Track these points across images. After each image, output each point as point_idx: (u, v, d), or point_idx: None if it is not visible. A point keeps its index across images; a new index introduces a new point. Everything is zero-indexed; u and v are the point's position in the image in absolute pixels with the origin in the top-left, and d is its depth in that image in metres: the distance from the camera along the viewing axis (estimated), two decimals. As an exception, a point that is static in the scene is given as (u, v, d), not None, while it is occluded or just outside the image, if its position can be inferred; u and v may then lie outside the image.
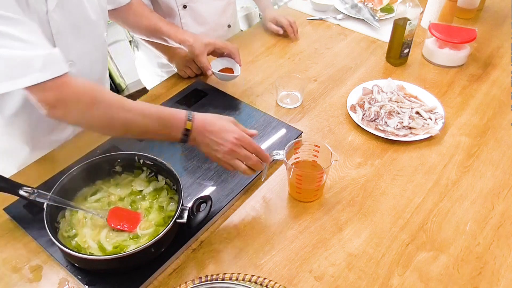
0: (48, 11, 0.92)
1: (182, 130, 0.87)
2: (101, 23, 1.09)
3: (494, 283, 0.84)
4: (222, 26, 1.55)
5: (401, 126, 1.16)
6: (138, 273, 0.83)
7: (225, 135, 0.88)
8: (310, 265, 0.87)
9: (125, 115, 0.84)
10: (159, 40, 1.26)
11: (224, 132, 0.89)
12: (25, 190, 0.85)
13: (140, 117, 0.85)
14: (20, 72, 0.78)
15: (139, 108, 0.85)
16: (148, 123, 0.85)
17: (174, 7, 1.41)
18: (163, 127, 0.87)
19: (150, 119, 0.85)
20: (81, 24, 1.02)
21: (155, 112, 0.86)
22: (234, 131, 0.89)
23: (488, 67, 1.40)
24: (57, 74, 0.80)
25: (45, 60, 0.79)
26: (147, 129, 0.86)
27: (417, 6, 1.28)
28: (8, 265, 0.87)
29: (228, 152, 0.89)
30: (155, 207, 0.92)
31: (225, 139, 0.88)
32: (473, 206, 0.98)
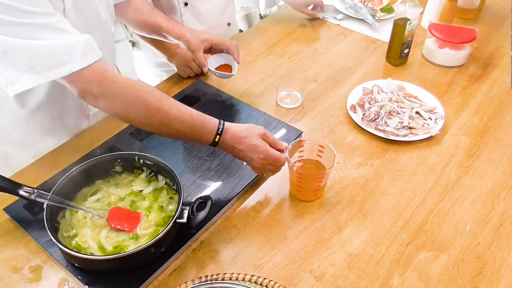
0: (66, 8, 0.93)
1: (211, 141, 0.91)
2: (109, 18, 1.10)
3: (494, 283, 0.84)
4: (222, 24, 1.55)
5: (401, 126, 1.16)
6: (138, 273, 0.83)
7: (252, 155, 0.93)
8: (310, 265, 0.87)
9: (161, 117, 0.87)
10: (159, 37, 1.25)
11: (251, 152, 0.93)
12: (25, 190, 0.85)
13: (175, 122, 0.88)
14: (64, 60, 0.81)
15: (175, 112, 0.88)
16: (181, 129, 0.89)
17: (175, 5, 1.41)
18: (195, 134, 0.91)
19: (184, 125, 0.89)
20: (93, 21, 1.03)
21: (189, 119, 0.89)
22: (261, 151, 0.92)
23: (488, 67, 1.40)
24: (96, 59, 0.84)
25: (85, 45, 0.83)
26: (179, 132, 0.90)
27: (417, 6, 1.28)
28: (8, 265, 0.87)
29: (255, 168, 0.95)
30: (155, 207, 0.92)
31: (252, 159, 0.93)
32: (473, 206, 0.98)
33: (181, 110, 0.89)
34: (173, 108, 0.88)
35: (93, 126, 1.18)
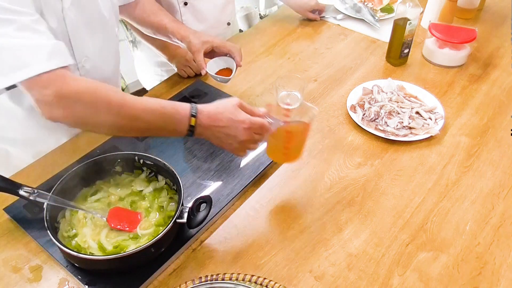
0: (64, 8, 0.93)
1: (187, 126, 0.84)
2: (112, 19, 1.10)
3: (494, 283, 0.84)
4: (222, 23, 1.55)
5: (401, 126, 1.16)
6: (138, 273, 0.83)
7: (236, 126, 0.86)
8: (310, 265, 0.87)
9: (127, 111, 0.80)
10: (164, 37, 1.25)
11: (234, 123, 0.85)
12: (25, 190, 0.85)
13: (144, 114, 0.81)
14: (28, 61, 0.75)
15: (142, 105, 0.82)
16: (152, 120, 0.82)
17: (175, 4, 1.41)
18: (167, 124, 0.84)
19: (154, 116, 0.82)
20: (95, 21, 1.03)
21: (158, 108, 0.82)
22: (243, 120, 0.86)
23: (488, 67, 1.40)
24: (62, 64, 0.78)
25: (52, 49, 0.78)
26: (151, 126, 0.83)
27: (417, 6, 1.28)
28: (8, 265, 0.87)
29: (242, 142, 0.87)
30: (155, 207, 0.92)
31: (237, 131, 0.86)
32: (473, 206, 0.98)
33: (148, 100, 0.83)
34: (138, 100, 0.82)
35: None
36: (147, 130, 0.85)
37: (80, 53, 1.02)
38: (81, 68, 1.03)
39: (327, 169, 1.06)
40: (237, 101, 0.88)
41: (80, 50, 1.01)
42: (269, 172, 1.05)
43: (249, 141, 0.88)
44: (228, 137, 0.87)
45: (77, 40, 0.99)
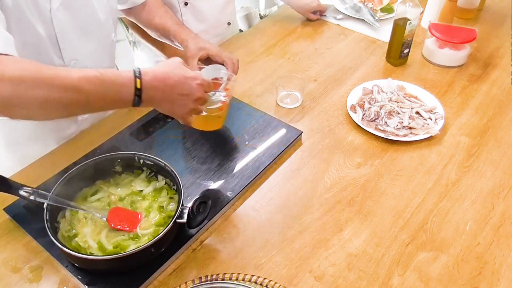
0: (52, 9, 0.92)
1: (132, 90, 0.75)
2: (109, 23, 1.09)
3: (494, 283, 0.84)
4: (222, 23, 1.56)
5: (401, 126, 1.16)
6: (138, 273, 0.83)
7: (189, 83, 0.80)
8: (310, 265, 0.87)
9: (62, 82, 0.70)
10: (168, 41, 1.24)
11: (187, 80, 0.79)
12: (25, 190, 0.85)
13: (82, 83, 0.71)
14: None
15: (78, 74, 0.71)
16: (92, 89, 0.72)
17: (175, 4, 1.41)
18: (109, 91, 0.74)
19: (94, 83, 0.72)
20: (89, 24, 1.02)
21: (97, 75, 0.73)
22: (195, 77, 0.81)
23: (488, 67, 1.40)
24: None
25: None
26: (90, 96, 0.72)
27: (417, 6, 1.28)
28: (8, 265, 0.87)
29: (196, 100, 0.82)
30: (155, 207, 0.92)
31: (191, 88, 0.80)
32: (473, 206, 0.98)
33: (84, 70, 0.73)
34: (73, 70, 0.73)
35: (93, 126, 1.18)
36: (87, 103, 0.73)
37: (69, 55, 1.00)
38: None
39: (327, 169, 1.06)
40: (179, 59, 0.82)
41: (69, 52, 1.00)
42: (269, 172, 1.05)
43: (201, 100, 0.83)
44: (183, 97, 0.80)
45: (66, 42, 0.98)
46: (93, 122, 1.19)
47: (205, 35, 1.52)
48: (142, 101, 0.77)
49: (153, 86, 0.77)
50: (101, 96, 0.74)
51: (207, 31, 1.51)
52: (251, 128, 1.15)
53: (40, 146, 1.11)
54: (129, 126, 1.15)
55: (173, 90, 0.79)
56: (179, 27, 1.20)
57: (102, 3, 1.05)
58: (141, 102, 0.77)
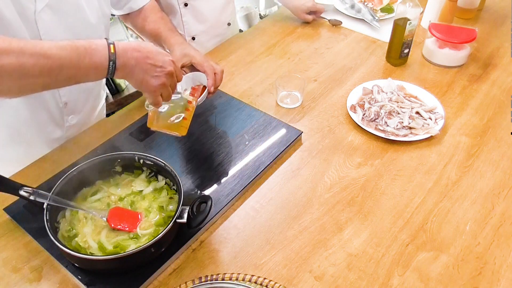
0: (36, 11, 0.90)
1: (107, 55, 0.74)
2: (101, 28, 1.08)
3: (494, 283, 0.84)
4: (222, 24, 1.55)
5: (401, 126, 1.16)
6: (138, 273, 0.83)
7: (163, 56, 0.80)
8: (310, 265, 0.87)
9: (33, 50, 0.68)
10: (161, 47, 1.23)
11: (161, 54, 0.80)
12: (25, 190, 0.85)
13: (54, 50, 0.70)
14: None
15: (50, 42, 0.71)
16: (65, 55, 0.70)
17: (175, 5, 1.41)
18: (83, 57, 0.72)
19: (65, 51, 0.70)
20: (78, 27, 1.01)
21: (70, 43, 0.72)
22: (168, 54, 0.82)
23: (488, 67, 1.40)
24: None
25: None
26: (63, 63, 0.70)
27: (417, 6, 1.28)
28: (8, 265, 0.87)
29: (168, 74, 0.81)
30: (155, 207, 0.92)
31: (164, 61, 0.80)
32: (473, 206, 0.98)
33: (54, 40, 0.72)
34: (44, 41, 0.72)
35: (93, 126, 1.18)
36: (59, 69, 0.71)
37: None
38: None
39: (327, 169, 1.06)
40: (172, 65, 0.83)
41: None
42: (269, 172, 1.05)
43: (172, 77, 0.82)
44: (155, 68, 0.79)
45: None
46: (80, 128, 1.18)
47: (205, 35, 1.52)
48: (116, 68, 0.75)
49: (127, 52, 0.76)
50: (75, 63, 0.72)
51: (207, 31, 1.51)
52: (251, 128, 1.15)
53: (23, 148, 1.09)
54: (129, 126, 1.15)
55: (146, 59, 0.78)
56: (170, 33, 1.19)
57: (94, 7, 1.03)
58: (116, 69, 0.76)
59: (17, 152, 1.09)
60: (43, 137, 1.12)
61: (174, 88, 0.86)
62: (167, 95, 0.85)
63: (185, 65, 1.11)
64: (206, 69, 1.09)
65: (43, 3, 0.91)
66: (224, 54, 1.47)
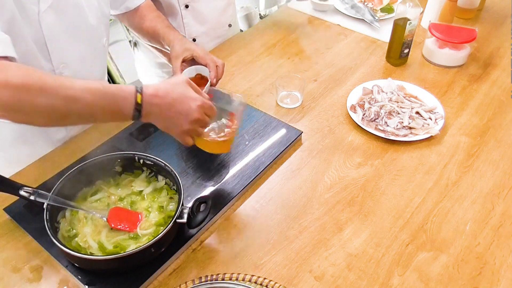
0: (40, 12, 0.91)
1: (133, 104, 0.77)
2: (101, 28, 1.08)
3: (494, 283, 0.84)
4: (223, 25, 1.55)
5: (401, 126, 1.16)
6: (138, 273, 0.83)
7: (188, 103, 0.80)
8: (310, 265, 0.87)
9: (66, 93, 0.72)
10: (158, 44, 1.25)
11: (187, 99, 0.80)
12: (25, 190, 0.85)
13: (84, 94, 0.73)
14: None
15: (81, 85, 0.74)
16: (93, 100, 0.74)
17: (176, 7, 1.41)
18: (111, 104, 0.76)
19: (95, 95, 0.74)
20: (79, 28, 1.01)
21: (100, 88, 0.75)
22: (195, 98, 0.81)
23: (488, 67, 1.40)
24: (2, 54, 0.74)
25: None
26: (92, 108, 0.75)
27: (417, 6, 1.28)
28: (8, 265, 0.87)
29: (193, 122, 0.82)
30: (155, 207, 0.92)
31: (189, 108, 0.80)
32: (473, 206, 0.98)
33: (88, 81, 0.76)
34: (77, 81, 0.75)
35: (93, 126, 1.18)
36: (89, 114, 0.76)
37: (57, 59, 0.99)
38: (58, 74, 1.00)
39: (327, 169, 1.06)
40: (185, 77, 0.83)
41: (58, 55, 0.99)
42: (269, 172, 1.05)
43: (199, 122, 0.83)
44: (179, 116, 0.81)
45: (55, 45, 0.97)
46: (82, 128, 1.17)
47: (206, 37, 1.52)
48: (141, 116, 0.79)
49: (152, 102, 0.78)
50: (102, 108, 0.76)
51: (207, 33, 1.51)
52: (251, 128, 1.15)
53: (28, 149, 1.10)
54: (129, 126, 1.15)
55: (171, 108, 0.80)
56: (168, 30, 1.20)
57: (93, 8, 1.03)
58: (141, 117, 0.79)
59: (21, 152, 1.10)
60: (47, 138, 1.12)
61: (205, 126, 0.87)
62: (197, 135, 0.87)
63: (186, 59, 1.13)
64: (208, 62, 1.10)
65: (46, 4, 0.91)
66: (224, 54, 1.47)
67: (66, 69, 1.01)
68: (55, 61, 0.99)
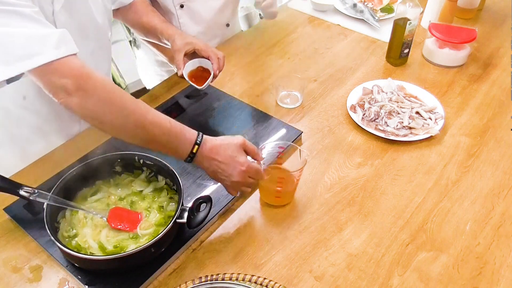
0: (54, 12, 0.92)
1: (189, 152, 0.86)
2: (106, 23, 1.10)
3: (494, 283, 0.84)
4: (220, 24, 1.55)
5: (401, 126, 1.16)
6: (138, 273, 0.83)
7: (234, 166, 0.88)
8: (310, 265, 0.87)
9: (137, 118, 0.82)
10: (155, 39, 1.25)
11: (233, 163, 0.88)
12: (25, 190, 0.85)
13: (151, 126, 0.83)
14: (35, 50, 0.76)
15: (152, 116, 0.83)
16: (158, 134, 0.83)
17: (171, 7, 1.41)
18: (171, 143, 0.85)
19: (161, 130, 0.83)
20: (87, 25, 1.02)
21: (167, 124, 0.84)
22: (242, 163, 0.89)
23: (488, 67, 1.40)
24: (71, 52, 0.79)
25: (59, 37, 0.79)
26: (155, 139, 0.84)
27: (417, 6, 1.28)
28: (8, 265, 0.87)
29: (235, 182, 0.90)
30: (155, 207, 0.92)
31: (233, 171, 0.89)
32: (473, 206, 0.98)
33: (158, 115, 0.85)
34: (150, 111, 0.84)
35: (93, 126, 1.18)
36: (150, 142, 0.85)
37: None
38: None
39: (327, 169, 1.06)
40: (241, 141, 0.90)
41: None
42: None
43: (241, 184, 0.91)
44: (223, 174, 0.89)
45: None
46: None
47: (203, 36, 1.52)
48: (193, 161, 0.88)
49: (204, 155, 0.87)
50: (164, 143, 0.85)
51: (204, 32, 1.51)
52: (251, 128, 1.15)
53: (44, 142, 1.11)
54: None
55: (218, 165, 0.88)
56: (165, 25, 1.21)
57: (98, 5, 1.05)
58: (192, 162, 0.88)
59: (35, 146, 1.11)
60: (62, 131, 1.14)
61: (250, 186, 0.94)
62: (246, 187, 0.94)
63: (188, 53, 1.16)
64: (211, 54, 1.15)
65: (59, 4, 0.92)
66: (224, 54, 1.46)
67: None
68: None
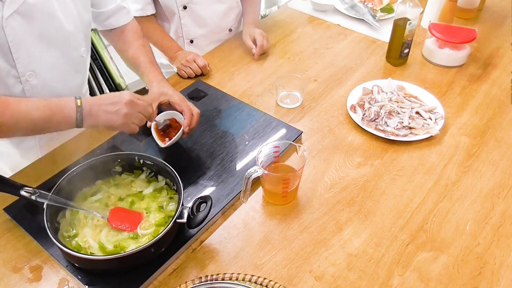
0: (3, 17, 0.88)
1: (74, 109, 0.88)
2: (79, 36, 1.05)
3: (494, 283, 0.84)
4: (223, 29, 1.54)
5: (401, 126, 1.16)
6: (138, 273, 0.83)
7: (120, 100, 0.91)
8: (310, 265, 0.87)
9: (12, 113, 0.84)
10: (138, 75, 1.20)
11: (117, 98, 0.92)
12: (25, 190, 0.85)
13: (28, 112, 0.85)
14: None
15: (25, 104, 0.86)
16: (39, 115, 0.86)
17: (174, 8, 1.41)
18: (56, 113, 0.88)
19: (40, 111, 0.86)
20: (51, 34, 0.97)
21: (43, 102, 0.88)
22: (125, 96, 0.92)
23: (488, 67, 1.40)
24: None
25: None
26: (39, 120, 0.87)
27: (417, 6, 1.28)
28: (8, 265, 0.87)
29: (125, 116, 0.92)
30: (155, 207, 0.92)
31: (120, 95, 0.92)
32: (473, 206, 0.98)
33: (30, 99, 0.88)
34: (22, 101, 0.87)
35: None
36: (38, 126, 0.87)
37: (24, 66, 0.95)
38: (24, 82, 0.97)
39: (327, 169, 1.06)
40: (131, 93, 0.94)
41: (25, 62, 0.95)
42: (269, 172, 1.05)
43: (131, 116, 0.93)
44: (113, 104, 0.91)
45: (21, 52, 0.93)
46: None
47: (204, 39, 1.52)
48: (83, 117, 0.89)
49: (90, 102, 0.90)
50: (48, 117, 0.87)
51: (206, 36, 1.51)
52: (251, 128, 1.15)
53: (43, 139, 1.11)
54: (129, 126, 1.15)
55: (103, 100, 0.91)
56: (150, 66, 1.15)
57: (70, 14, 1.00)
58: (83, 119, 0.89)
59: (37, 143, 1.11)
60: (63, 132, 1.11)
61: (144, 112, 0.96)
62: (139, 121, 0.95)
63: (163, 104, 1.10)
64: (184, 109, 1.08)
65: (11, 10, 0.88)
66: (224, 54, 1.47)
67: (34, 77, 0.98)
68: (21, 68, 0.95)
